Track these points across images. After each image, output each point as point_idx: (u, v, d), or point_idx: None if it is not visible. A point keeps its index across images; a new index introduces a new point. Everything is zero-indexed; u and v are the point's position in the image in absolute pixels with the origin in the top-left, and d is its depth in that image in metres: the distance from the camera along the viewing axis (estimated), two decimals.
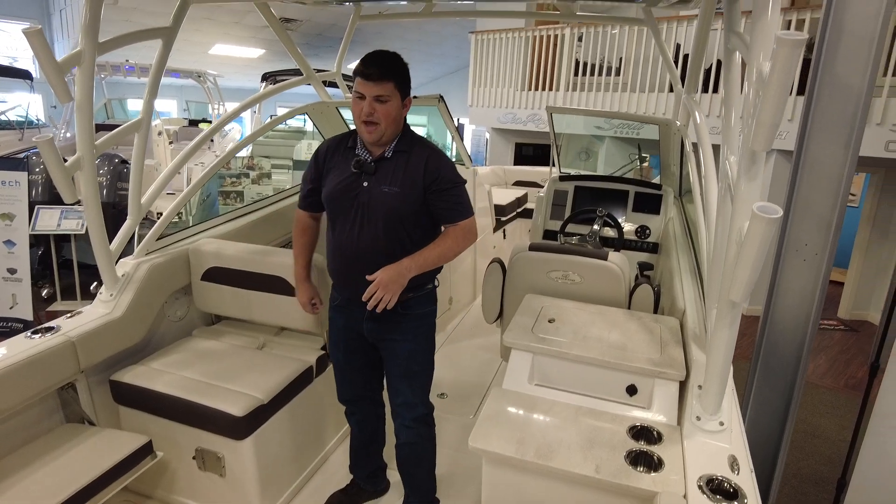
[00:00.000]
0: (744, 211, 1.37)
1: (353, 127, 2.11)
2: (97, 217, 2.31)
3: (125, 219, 2.52)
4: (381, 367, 2.26)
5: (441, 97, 3.63)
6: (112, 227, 2.38)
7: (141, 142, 2.45)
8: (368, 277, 1.95)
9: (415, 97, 4.02)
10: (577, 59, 8.43)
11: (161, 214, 2.69)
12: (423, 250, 2.00)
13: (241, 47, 12.64)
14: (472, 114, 9.77)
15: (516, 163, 9.78)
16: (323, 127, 3.76)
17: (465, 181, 2.09)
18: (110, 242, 2.41)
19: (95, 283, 6.10)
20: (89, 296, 6.04)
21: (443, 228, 2.09)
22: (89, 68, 2.10)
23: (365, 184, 2.01)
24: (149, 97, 2.45)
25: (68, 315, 2.38)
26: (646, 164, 4.79)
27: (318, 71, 3.45)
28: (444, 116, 3.86)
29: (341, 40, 3.46)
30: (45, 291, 5.97)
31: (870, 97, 2.34)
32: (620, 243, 3.49)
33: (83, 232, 5.60)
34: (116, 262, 2.49)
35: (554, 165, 4.53)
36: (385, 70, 1.89)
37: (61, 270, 5.98)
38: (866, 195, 7.01)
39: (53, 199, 5.76)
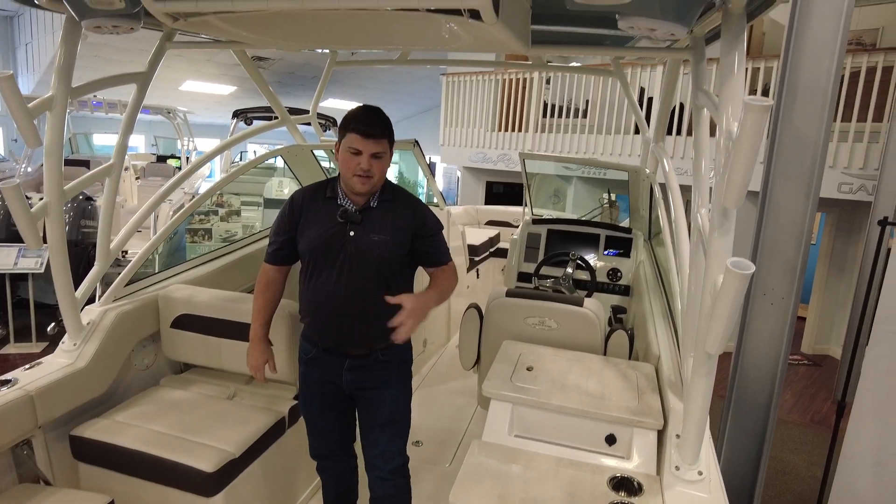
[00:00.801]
0: (717, 265, 1.41)
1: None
2: (63, 263, 2.24)
3: (88, 258, 2.45)
4: (355, 419, 2.23)
5: (416, 142, 3.67)
6: (74, 267, 2.30)
7: (112, 185, 2.40)
8: (392, 300, 1.93)
9: None
10: (545, 102, 8.68)
11: (126, 253, 2.61)
12: (433, 287, 2.08)
13: (212, 84, 12.63)
14: (444, 153, 9.91)
15: (487, 200, 9.91)
16: (297, 169, 3.76)
17: (443, 227, 2.14)
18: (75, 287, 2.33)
19: (53, 325, 5.86)
20: (45, 337, 5.81)
21: (427, 272, 2.16)
22: (61, 113, 2.06)
23: (352, 233, 2.01)
24: (122, 140, 2.39)
25: (27, 367, 2.28)
26: (614, 207, 4.91)
27: (293, 113, 3.47)
28: (419, 160, 3.91)
29: (313, 78, 3.50)
30: None
31: (826, 147, 2.47)
32: (593, 286, 3.54)
33: (42, 271, 5.41)
34: (81, 308, 2.41)
35: (526, 206, 4.61)
36: (384, 128, 1.96)
37: (16, 310, 5.74)
38: (823, 233, 7.31)
39: (11, 235, 5.57)
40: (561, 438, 1.88)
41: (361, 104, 2.03)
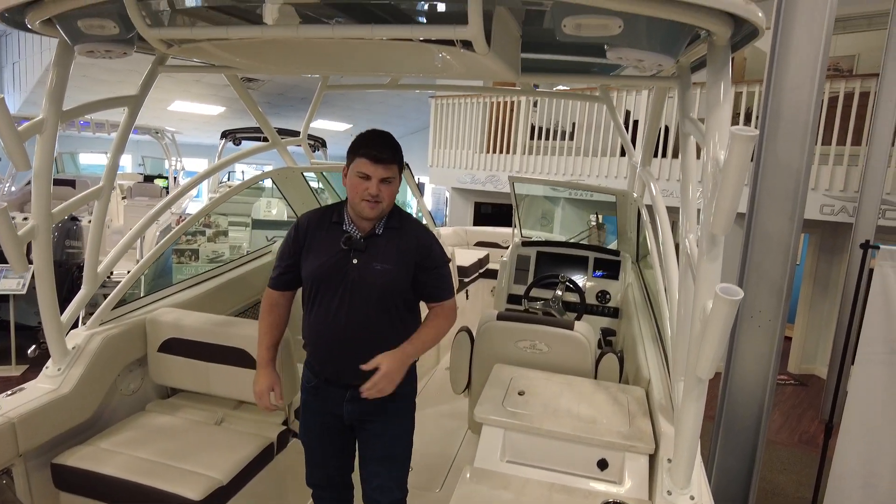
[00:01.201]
0: (706, 290, 1.43)
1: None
2: (49, 287, 2.21)
3: (72, 278, 2.41)
4: (354, 449, 2.17)
5: (406, 164, 3.69)
6: (58, 288, 2.26)
7: (101, 208, 2.38)
8: (366, 367, 1.88)
9: None
10: (532, 124, 8.79)
11: (111, 274, 2.57)
12: (420, 333, 2.00)
13: (201, 104, 12.64)
14: (433, 174, 9.97)
15: (476, 221, 9.96)
16: (287, 191, 3.76)
17: (450, 260, 2.10)
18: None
19: (34, 347, 5.74)
20: (26, 360, 5.69)
21: (427, 308, 2.08)
22: (51, 137, 2.06)
23: (355, 261, 1.96)
24: (112, 163, 2.38)
25: (8, 392, 2.23)
26: (602, 229, 4.97)
27: (282, 133, 3.47)
28: (409, 183, 3.93)
29: (302, 99, 3.52)
30: None
31: (808, 172, 2.53)
32: (583, 308, 3.55)
33: (24, 292, 5.32)
34: (67, 332, 2.37)
35: (516, 227, 4.64)
36: (393, 153, 1.93)
37: None
38: (807, 254, 7.42)
39: None
40: (553, 463, 1.87)
41: (371, 129, 2.01)
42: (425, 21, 1.87)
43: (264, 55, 2.02)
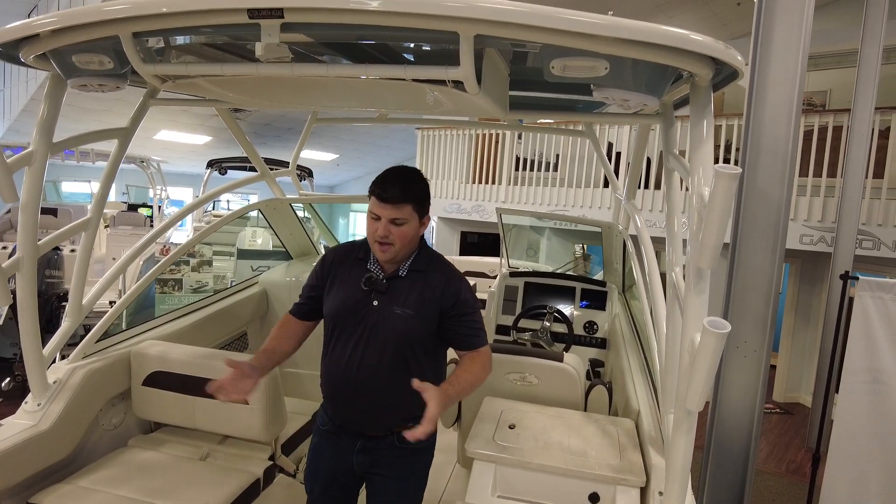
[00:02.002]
0: (694, 323, 1.46)
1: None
2: (32, 320, 2.17)
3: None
4: (357, 500, 2.06)
5: None
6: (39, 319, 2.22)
7: (88, 241, 2.36)
8: (419, 386, 1.66)
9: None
10: (517, 156, 8.94)
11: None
12: (459, 378, 1.80)
13: (187, 134, 12.65)
14: None
15: (462, 250, 10.00)
16: (276, 223, 3.76)
17: (481, 305, 2.03)
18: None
19: (7, 380, 5.58)
20: None
21: (457, 355, 1.96)
22: (40, 168, 2.05)
23: (375, 303, 1.85)
24: (100, 194, 2.38)
25: None
26: (587, 259, 5.02)
27: (270, 163, 3.49)
28: None
29: (289, 130, 3.54)
30: None
31: (789, 204, 2.60)
32: (571, 339, 3.57)
33: (0, 324, 5.20)
34: (48, 366, 2.32)
35: (503, 258, 4.67)
36: (404, 193, 1.79)
37: None
38: (788, 283, 7.55)
39: None
40: (544, 498, 1.86)
41: (395, 165, 1.90)
42: (416, 61, 1.91)
43: (256, 91, 2.04)
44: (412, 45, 1.89)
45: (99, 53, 1.75)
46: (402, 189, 1.79)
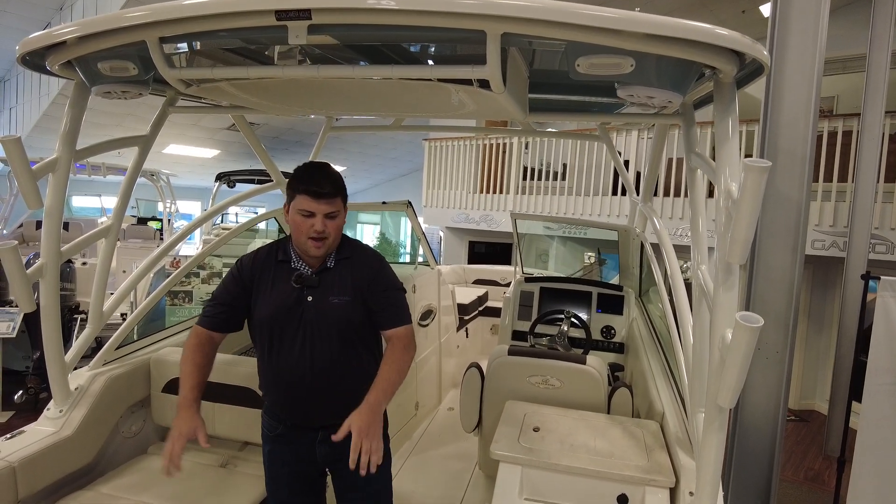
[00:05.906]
0: (724, 319, 1.44)
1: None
2: (55, 327, 2.18)
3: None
4: (325, 493, 2.08)
5: (409, 203, 3.74)
6: None
7: (108, 248, 2.38)
8: (335, 438, 1.73)
9: (384, 203, 4.11)
10: (524, 166, 8.96)
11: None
12: (381, 377, 1.85)
13: (196, 147, 12.76)
14: (427, 214, 10.06)
15: (470, 259, 10.00)
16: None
17: (405, 290, 2.03)
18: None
19: (21, 393, 5.58)
20: (12, 406, 5.51)
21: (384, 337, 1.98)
22: (63, 175, 2.07)
23: (309, 298, 1.88)
24: (121, 203, 2.40)
25: (8, 436, 2.17)
26: (602, 264, 5.01)
27: (287, 175, 3.51)
28: (411, 220, 3.96)
29: (297, 142, 3.56)
30: None
31: (808, 205, 2.58)
32: (589, 344, 3.55)
33: (13, 336, 5.21)
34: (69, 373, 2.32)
35: (517, 265, 4.66)
36: (335, 186, 1.86)
37: None
38: (801, 289, 7.50)
39: None
40: (572, 500, 1.84)
41: (308, 162, 1.95)
42: (439, 62, 1.93)
43: (279, 94, 2.06)
44: (432, 48, 1.90)
45: (123, 60, 1.77)
46: (332, 183, 1.86)
